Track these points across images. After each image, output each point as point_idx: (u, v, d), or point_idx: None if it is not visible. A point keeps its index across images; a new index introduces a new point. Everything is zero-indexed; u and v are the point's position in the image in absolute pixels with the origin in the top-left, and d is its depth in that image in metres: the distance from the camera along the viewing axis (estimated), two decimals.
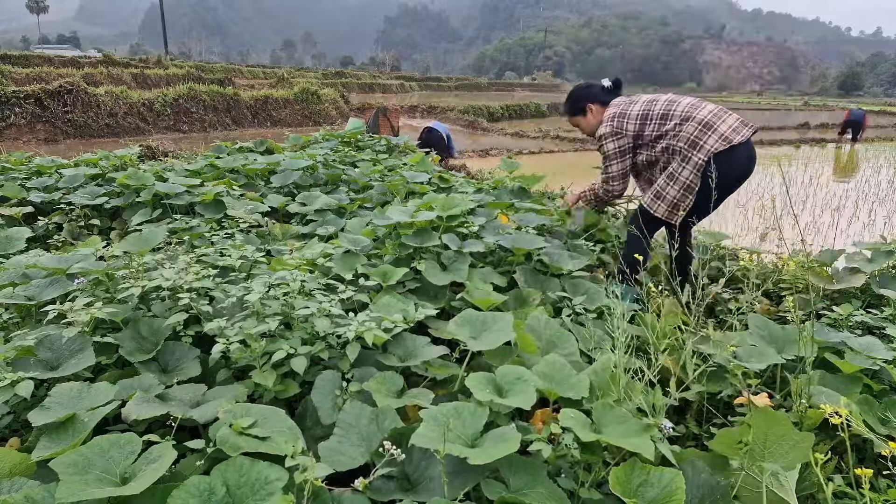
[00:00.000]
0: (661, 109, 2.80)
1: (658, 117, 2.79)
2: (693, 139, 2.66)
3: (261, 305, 1.85)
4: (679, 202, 2.73)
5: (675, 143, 2.72)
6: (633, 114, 2.83)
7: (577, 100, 3.07)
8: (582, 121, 3.06)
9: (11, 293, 2.08)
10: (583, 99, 3.04)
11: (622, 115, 2.85)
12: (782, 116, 29.84)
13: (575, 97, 3.09)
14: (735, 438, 1.35)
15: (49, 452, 1.30)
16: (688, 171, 2.68)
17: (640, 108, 2.84)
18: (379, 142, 6.21)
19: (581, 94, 3.07)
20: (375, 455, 1.37)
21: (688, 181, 2.69)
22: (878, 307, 2.62)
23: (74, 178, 4.11)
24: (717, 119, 2.68)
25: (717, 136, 2.65)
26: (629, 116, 2.84)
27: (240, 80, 26.69)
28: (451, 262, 2.48)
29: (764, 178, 10.21)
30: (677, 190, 2.72)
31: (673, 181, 2.73)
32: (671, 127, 2.74)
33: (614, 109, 2.90)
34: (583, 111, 3.04)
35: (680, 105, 2.78)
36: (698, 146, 2.65)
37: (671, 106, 2.79)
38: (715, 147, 2.63)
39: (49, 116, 13.98)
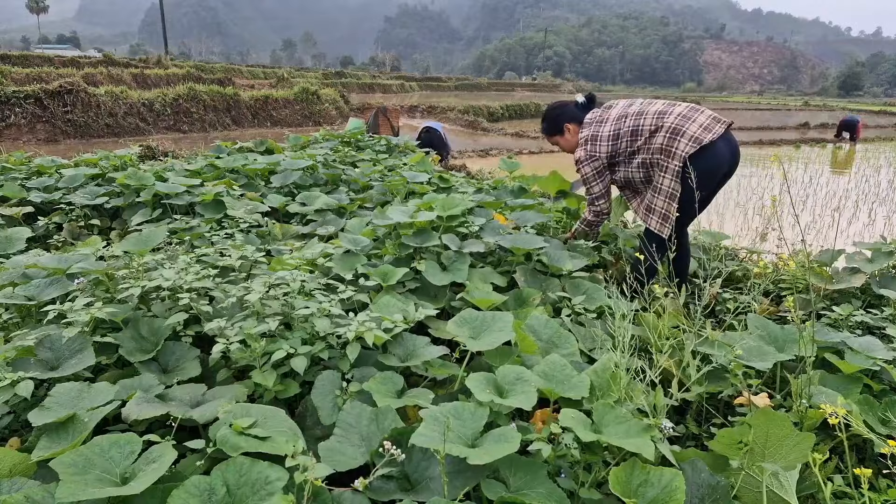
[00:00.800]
0: (630, 126, 2.81)
1: (628, 134, 2.81)
2: (664, 148, 2.69)
3: (261, 305, 1.85)
4: (667, 212, 2.74)
5: (649, 156, 2.76)
6: (604, 135, 2.86)
7: (552, 121, 3.11)
8: (561, 140, 3.10)
9: (11, 293, 2.08)
10: (558, 119, 3.08)
11: (594, 137, 2.88)
12: (782, 116, 29.81)
13: (551, 118, 3.12)
14: (735, 438, 1.35)
15: (49, 452, 1.30)
16: (667, 180, 2.71)
17: (611, 127, 2.86)
18: (379, 142, 6.21)
19: (556, 115, 3.10)
20: (375, 455, 1.37)
21: (670, 189, 2.71)
22: (878, 307, 2.62)
23: (74, 178, 4.11)
24: (686, 121, 2.68)
25: (688, 139, 2.65)
26: (600, 139, 2.87)
27: (240, 80, 26.68)
28: (451, 262, 2.48)
29: (764, 178, 10.21)
30: (663, 200, 2.75)
31: (658, 192, 2.77)
32: (642, 142, 2.77)
33: (586, 132, 2.93)
34: (560, 131, 3.08)
35: (647, 118, 2.78)
36: (671, 153, 2.67)
37: (639, 120, 2.79)
38: (686, 150, 2.63)
39: (49, 116, 13.97)
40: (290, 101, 19.79)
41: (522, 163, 4.68)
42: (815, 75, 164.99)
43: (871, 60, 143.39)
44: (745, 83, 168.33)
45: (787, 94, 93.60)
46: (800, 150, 15.46)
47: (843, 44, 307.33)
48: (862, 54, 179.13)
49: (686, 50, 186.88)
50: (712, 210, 7.32)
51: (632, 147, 2.81)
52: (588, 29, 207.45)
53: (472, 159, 12.20)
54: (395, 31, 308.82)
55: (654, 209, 2.80)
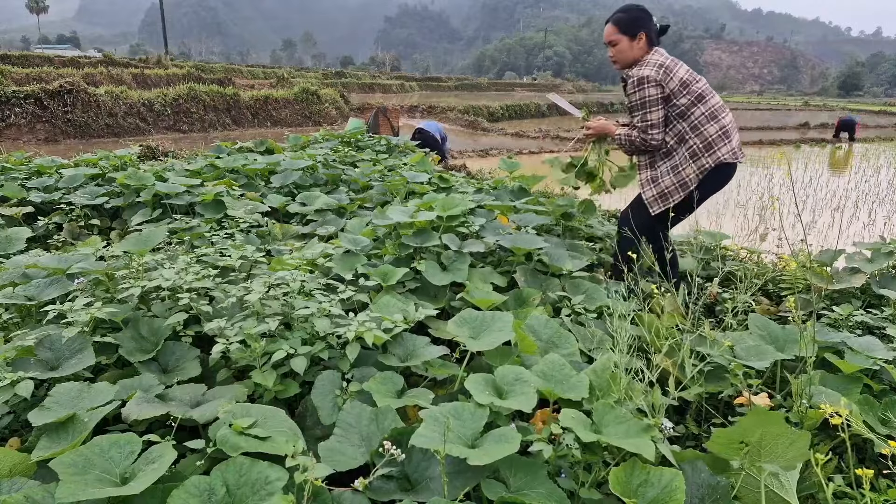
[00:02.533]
0: (700, 89, 2.69)
1: (696, 95, 2.67)
2: (710, 142, 2.64)
3: (261, 305, 1.85)
4: (669, 194, 2.72)
5: (692, 135, 2.67)
6: (678, 75, 2.69)
7: (634, 20, 2.78)
8: (626, 44, 2.77)
9: (11, 293, 2.08)
10: (639, 22, 2.77)
11: (668, 69, 2.68)
12: (782, 116, 29.80)
13: (633, 17, 2.78)
14: (732, 438, 1.35)
15: (49, 452, 1.30)
16: (691, 170, 2.68)
17: (685, 73, 2.71)
18: (379, 142, 6.21)
19: (641, 18, 2.78)
20: (375, 455, 1.37)
21: (686, 178, 2.68)
22: (878, 307, 2.62)
23: (74, 178, 4.11)
24: (733, 130, 2.70)
25: (729, 149, 2.67)
26: (674, 74, 2.68)
27: (240, 80, 26.67)
28: (451, 262, 2.48)
29: (764, 178, 10.21)
30: (672, 182, 2.71)
31: (674, 173, 2.72)
32: (697, 115, 2.66)
33: (661, 59, 2.71)
34: (633, 34, 2.76)
35: (714, 98, 2.70)
36: (711, 151, 2.64)
37: (707, 93, 2.69)
38: (725, 158, 2.65)
39: (49, 116, 13.97)
40: (290, 101, 19.79)
41: (522, 163, 4.67)
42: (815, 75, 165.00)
43: (871, 60, 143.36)
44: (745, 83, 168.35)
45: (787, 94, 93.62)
46: (800, 150, 15.46)
47: (843, 44, 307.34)
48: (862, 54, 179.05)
49: (686, 50, 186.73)
50: (712, 210, 7.33)
51: (688, 110, 2.66)
52: (588, 29, 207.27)
53: (472, 159, 12.20)
54: (395, 31, 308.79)
55: (660, 184, 2.74)
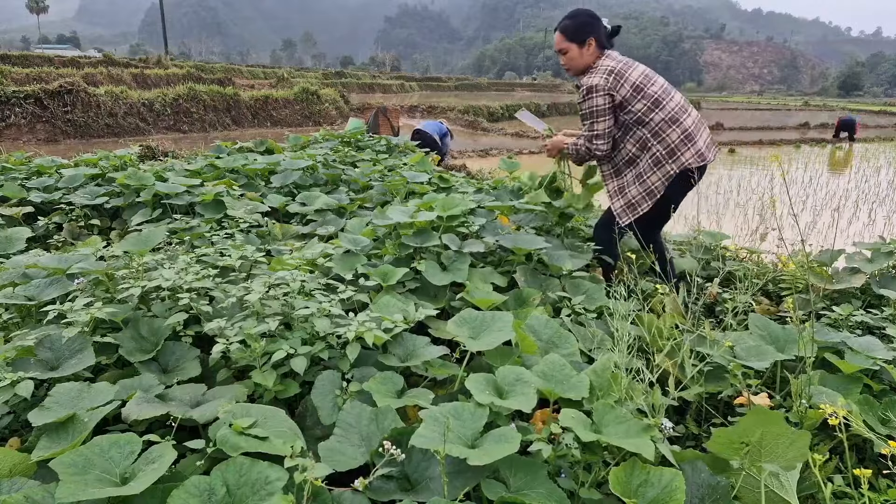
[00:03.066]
0: (656, 92, 2.60)
1: (651, 99, 2.59)
2: (673, 148, 2.58)
3: (261, 305, 1.85)
4: (637, 204, 2.67)
5: (654, 142, 2.61)
6: (631, 80, 2.60)
7: (581, 26, 2.68)
8: (576, 51, 2.69)
9: (11, 293, 2.08)
10: (587, 28, 2.68)
11: (619, 74, 2.60)
12: (782, 116, 29.82)
13: (581, 23, 2.69)
14: (732, 438, 1.35)
15: (49, 452, 1.30)
16: (656, 178, 2.62)
17: (639, 76, 2.61)
18: (379, 142, 6.21)
19: (588, 23, 2.69)
20: (375, 455, 1.37)
21: (653, 187, 2.63)
22: (878, 307, 2.62)
23: (74, 178, 4.11)
24: (697, 131, 2.62)
25: (694, 152, 2.60)
26: (626, 80, 2.60)
27: (240, 80, 26.67)
28: (450, 262, 2.48)
29: (764, 178, 10.21)
30: (639, 191, 2.66)
31: (639, 182, 2.66)
32: (658, 121, 2.58)
33: (612, 63, 2.63)
34: (582, 41, 2.68)
35: (674, 100, 2.62)
36: (675, 157, 2.58)
37: (665, 95, 2.61)
38: (689, 162, 2.59)
39: (49, 116, 13.97)
40: (290, 101, 19.79)
41: (522, 163, 4.68)
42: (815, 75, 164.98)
43: (871, 60, 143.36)
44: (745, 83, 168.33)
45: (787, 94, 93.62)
46: (800, 150, 15.46)
47: (843, 44, 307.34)
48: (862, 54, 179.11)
49: (686, 50, 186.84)
50: (712, 210, 7.33)
51: (646, 116, 2.59)
52: None
53: (472, 159, 12.21)
54: (395, 31, 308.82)
55: (626, 194, 2.70)
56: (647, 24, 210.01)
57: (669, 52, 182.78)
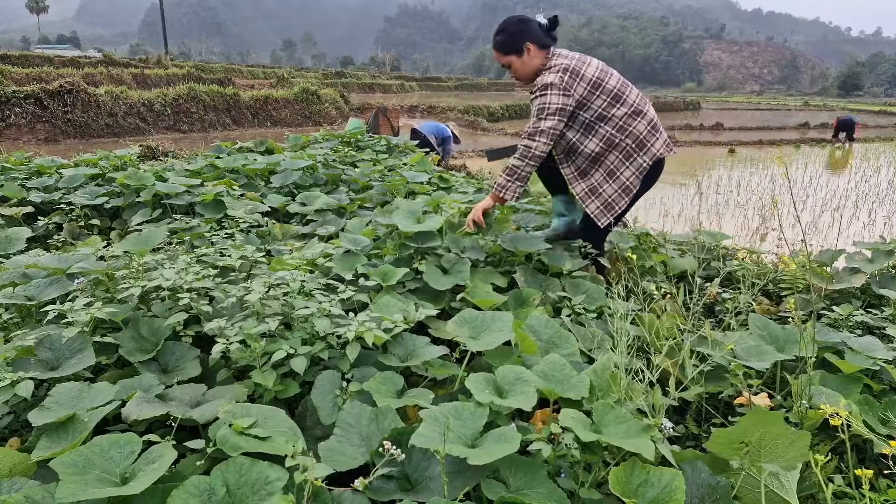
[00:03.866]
0: (615, 86, 2.52)
1: (610, 94, 2.51)
2: (642, 139, 2.52)
3: (261, 305, 1.85)
4: (614, 203, 2.60)
5: (621, 137, 2.52)
6: (587, 76, 2.51)
7: (512, 36, 2.59)
8: (516, 61, 2.60)
9: (11, 293, 2.08)
10: (521, 35, 2.58)
11: (575, 72, 2.50)
12: (782, 116, 29.83)
13: (510, 32, 2.60)
14: (732, 438, 1.35)
15: (49, 452, 1.30)
16: (630, 172, 2.56)
17: (595, 72, 2.53)
18: (379, 142, 6.21)
19: (519, 32, 2.58)
20: (375, 455, 1.37)
21: (628, 182, 2.57)
22: (878, 307, 2.62)
23: (74, 178, 4.11)
24: (658, 122, 2.59)
25: (662, 141, 2.57)
26: (582, 77, 2.51)
27: (240, 80, 26.67)
28: (451, 264, 2.48)
29: (764, 178, 10.21)
30: (614, 189, 2.59)
31: (612, 179, 2.58)
32: (621, 116, 2.51)
33: (566, 62, 2.53)
34: (518, 50, 2.59)
35: (632, 93, 2.55)
36: (645, 148, 2.53)
37: (624, 89, 2.54)
38: (660, 152, 2.55)
39: (49, 116, 13.97)
40: (290, 101, 19.79)
41: None
42: (815, 75, 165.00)
43: (871, 60, 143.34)
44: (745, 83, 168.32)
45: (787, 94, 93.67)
46: (800, 150, 15.46)
47: (843, 44, 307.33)
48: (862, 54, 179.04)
49: (686, 50, 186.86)
50: (712, 210, 7.33)
51: (607, 112, 2.50)
52: (588, 29, 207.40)
53: (472, 159, 12.21)
54: (395, 31, 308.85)
55: (601, 195, 2.61)
56: (647, 24, 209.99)
57: (669, 52, 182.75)
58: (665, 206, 7.45)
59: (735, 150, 15.13)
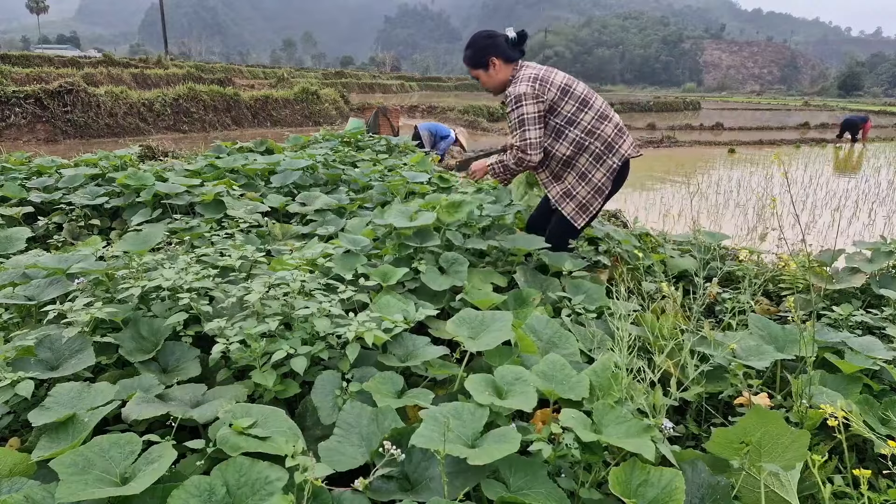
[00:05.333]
0: (582, 92, 2.66)
1: (579, 99, 2.64)
2: (611, 141, 2.65)
3: (261, 305, 1.85)
4: (588, 204, 2.70)
5: (590, 140, 2.65)
6: (556, 83, 2.64)
7: (479, 50, 2.72)
8: (483, 74, 2.75)
9: (11, 293, 2.08)
10: (487, 51, 2.71)
11: (544, 80, 2.63)
12: (782, 116, 29.82)
13: (477, 47, 2.73)
14: (732, 438, 1.35)
15: (49, 452, 1.30)
16: (601, 174, 2.66)
17: (563, 79, 2.67)
18: (379, 142, 6.21)
19: (485, 46, 2.72)
20: (375, 455, 1.37)
21: (600, 183, 2.67)
22: (878, 307, 2.62)
23: (74, 178, 4.11)
24: (623, 126, 2.73)
25: (629, 143, 2.70)
26: (551, 84, 2.63)
27: (240, 80, 26.69)
28: (449, 264, 2.47)
29: (763, 178, 10.20)
30: (588, 191, 2.69)
31: (585, 181, 2.68)
32: (589, 120, 2.64)
33: (534, 71, 2.67)
34: (485, 65, 2.72)
35: (597, 99, 2.70)
36: (614, 150, 2.65)
37: (590, 94, 2.69)
38: (628, 153, 2.68)
39: (49, 116, 13.97)
40: (290, 101, 19.78)
41: None
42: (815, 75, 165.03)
43: (871, 60, 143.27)
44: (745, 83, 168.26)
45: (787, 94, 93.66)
46: (800, 150, 15.46)
47: (843, 44, 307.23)
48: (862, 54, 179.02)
49: (686, 50, 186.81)
50: (712, 210, 7.33)
51: (576, 116, 2.63)
52: (588, 29, 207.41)
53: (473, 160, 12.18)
54: (395, 31, 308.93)
55: (575, 197, 2.72)
56: (647, 24, 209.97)
57: (669, 52, 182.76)
58: (665, 206, 7.46)
59: (735, 150, 15.13)
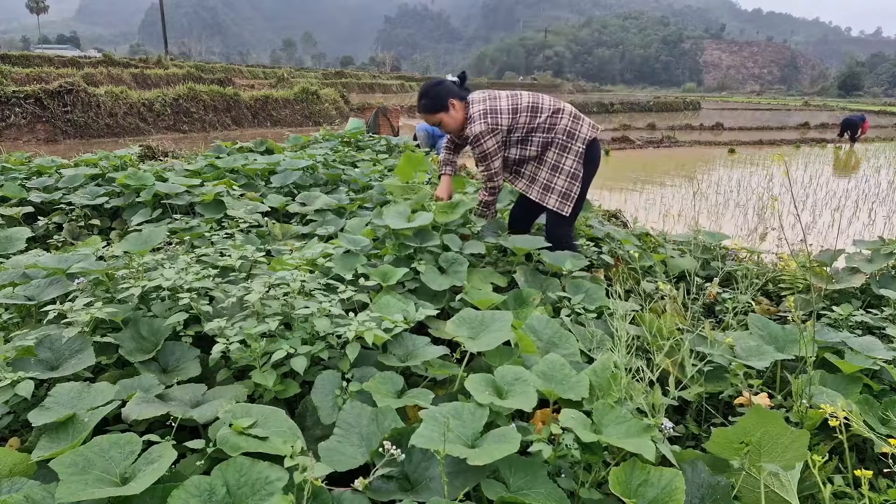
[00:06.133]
0: (528, 102, 2.83)
1: (528, 109, 2.82)
2: (570, 130, 2.81)
3: (261, 305, 1.85)
4: (568, 191, 2.84)
5: (552, 135, 2.82)
6: (503, 108, 2.81)
7: (436, 97, 2.89)
8: (445, 117, 2.90)
9: (11, 293, 2.08)
10: (444, 96, 2.89)
11: (493, 110, 2.79)
12: (782, 116, 29.81)
13: (433, 95, 2.90)
14: (732, 438, 1.35)
15: (49, 452, 1.30)
16: (570, 160, 2.82)
17: (507, 101, 2.83)
18: (379, 142, 6.21)
19: (440, 92, 2.90)
20: (375, 455, 1.37)
21: (572, 169, 2.82)
22: (878, 307, 2.63)
23: (74, 178, 4.11)
24: (578, 112, 2.88)
25: (588, 125, 2.86)
26: (500, 111, 2.80)
27: (240, 80, 26.68)
28: (449, 264, 2.48)
29: (764, 178, 10.20)
30: (564, 179, 2.83)
31: (559, 172, 2.84)
32: (543, 119, 2.81)
33: (481, 106, 2.81)
34: (445, 108, 2.88)
35: (544, 99, 2.87)
36: (575, 135, 2.81)
37: (536, 99, 2.86)
38: (589, 134, 2.83)
39: (49, 116, 13.97)
40: (290, 101, 19.78)
41: None
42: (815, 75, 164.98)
43: (871, 60, 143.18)
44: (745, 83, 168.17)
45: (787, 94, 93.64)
46: (800, 150, 15.46)
47: (843, 44, 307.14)
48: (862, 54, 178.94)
49: (686, 50, 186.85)
50: (712, 210, 7.33)
51: (532, 123, 2.82)
52: (588, 29, 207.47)
53: (472, 159, 12.19)
54: (395, 31, 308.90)
55: (554, 188, 2.86)
56: (647, 24, 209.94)
57: (669, 52, 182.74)
58: (665, 206, 7.46)
59: (735, 150, 15.13)
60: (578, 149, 2.81)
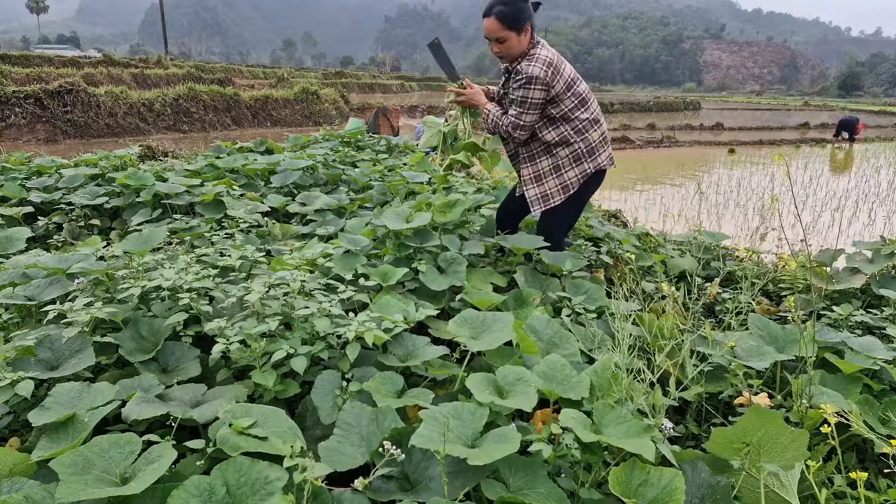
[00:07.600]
0: (583, 92, 2.64)
1: (579, 98, 2.61)
2: (593, 147, 2.65)
3: (261, 305, 1.85)
4: (551, 196, 2.71)
5: (576, 139, 2.63)
6: (565, 75, 2.58)
7: (521, 13, 2.51)
8: (514, 38, 2.54)
9: (11, 293, 2.07)
10: (525, 16, 2.52)
11: (557, 67, 2.55)
12: (782, 116, 29.82)
13: (519, 9, 2.52)
14: (732, 438, 1.35)
15: (49, 452, 1.30)
16: (573, 173, 2.67)
17: (570, 73, 2.61)
18: (379, 142, 6.21)
19: (525, 9, 2.53)
20: (375, 455, 1.37)
21: (568, 182, 2.68)
22: (878, 307, 2.62)
23: (74, 178, 4.11)
24: (608, 137, 2.74)
25: (608, 154, 2.70)
26: (561, 74, 2.56)
27: (240, 80, 26.69)
28: (448, 264, 2.47)
29: (764, 178, 10.21)
30: (555, 184, 2.71)
31: (556, 174, 2.70)
32: (582, 120, 2.61)
33: (549, 55, 2.55)
34: (519, 28, 2.53)
35: (594, 102, 2.70)
36: (594, 156, 2.65)
37: (589, 96, 2.67)
38: (604, 164, 2.68)
39: (49, 116, 13.97)
40: (290, 101, 19.79)
41: None
42: (815, 75, 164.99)
43: (871, 60, 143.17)
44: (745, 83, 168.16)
45: (787, 94, 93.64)
46: (800, 150, 15.46)
47: (843, 44, 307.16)
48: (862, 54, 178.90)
49: (686, 50, 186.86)
50: (712, 210, 7.33)
51: (572, 113, 2.60)
52: (588, 29, 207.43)
53: None
54: (395, 32, 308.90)
55: (542, 184, 2.73)
56: (647, 23, 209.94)
57: (669, 52, 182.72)
58: (665, 206, 7.46)
59: (735, 150, 15.13)
60: (587, 169, 2.65)
